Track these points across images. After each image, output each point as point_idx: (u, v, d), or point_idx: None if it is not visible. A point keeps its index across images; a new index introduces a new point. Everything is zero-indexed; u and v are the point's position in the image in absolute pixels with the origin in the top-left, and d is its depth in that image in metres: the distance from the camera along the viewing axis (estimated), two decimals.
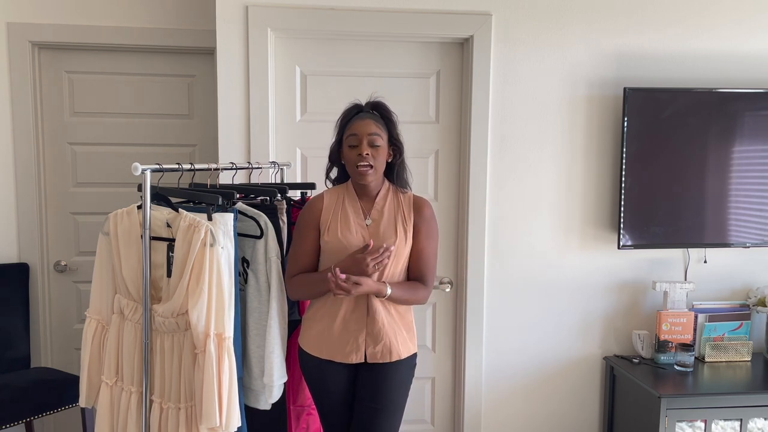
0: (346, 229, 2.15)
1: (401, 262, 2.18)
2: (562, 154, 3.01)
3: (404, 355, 2.20)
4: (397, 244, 2.14)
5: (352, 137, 2.12)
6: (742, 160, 3.00)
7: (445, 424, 3.18)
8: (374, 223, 2.17)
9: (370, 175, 2.13)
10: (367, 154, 2.09)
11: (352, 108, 2.21)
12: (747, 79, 3.04)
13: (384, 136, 2.15)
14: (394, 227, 2.17)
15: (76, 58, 3.26)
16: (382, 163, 2.16)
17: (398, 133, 2.21)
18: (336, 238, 2.14)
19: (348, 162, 2.15)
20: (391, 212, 2.19)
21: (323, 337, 2.18)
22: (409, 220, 2.19)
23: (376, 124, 2.14)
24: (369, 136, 2.11)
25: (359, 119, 2.15)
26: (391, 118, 2.20)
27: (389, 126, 2.19)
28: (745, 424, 2.75)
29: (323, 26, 2.82)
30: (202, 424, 1.88)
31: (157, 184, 2.03)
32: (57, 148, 3.29)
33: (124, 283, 2.05)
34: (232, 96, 2.82)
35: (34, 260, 3.24)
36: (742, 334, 3.08)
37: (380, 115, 2.20)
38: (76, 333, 3.36)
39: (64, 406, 2.89)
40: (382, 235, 2.15)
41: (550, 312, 3.09)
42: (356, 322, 2.15)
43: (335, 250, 2.15)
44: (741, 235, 3.04)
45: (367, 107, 2.21)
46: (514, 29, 2.92)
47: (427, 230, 2.22)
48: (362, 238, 2.14)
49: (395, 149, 2.20)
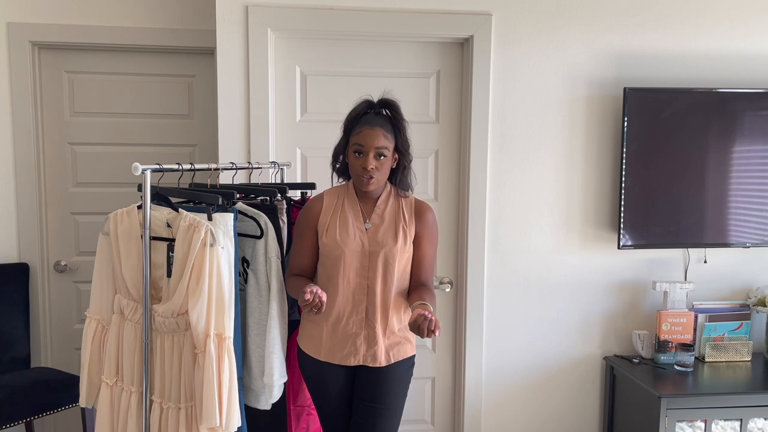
0: (344, 232, 2.13)
1: (402, 266, 2.16)
2: (562, 154, 3.01)
3: (402, 357, 2.20)
4: (398, 249, 2.12)
5: (358, 146, 2.07)
6: (742, 160, 3.00)
7: (445, 424, 3.18)
8: (373, 228, 2.15)
9: (373, 185, 2.09)
10: (372, 168, 2.05)
11: (363, 105, 2.14)
12: (747, 79, 3.04)
13: (391, 145, 2.09)
14: (394, 232, 2.14)
15: (76, 58, 3.26)
16: (386, 173, 2.12)
17: (407, 139, 2.15)
18: (334, 241, 2.12)
19: (352, 167, 2.12)
20: (391, 217, 2.16)
21: (321, 338, 2.17)
22: (410, 225, 2.17)
23: (385, 134, 2.07)
24: (376, 150, 2.05)
25: (369, 127, 2.07)
26: (400, 124, 2.13)
27: (398, 132, 2.12)
28: (745, 424, 2.75)
29: (323, 26, 2.82)
30: (202, 424, 1.88)
31: (157, 184, 2.03)
32: (57, 148, 3.29)
33: (124, 283, 2.05)
34: (232, 96, 2.82)
35: (34, 260, 3.24)
36: (742, 334, 3.08)
37: (391, 117, 2.13)
38: (76, 333, 3.36)
39: (64, 406, 2.89)
40: (381, 240, 2.13)
41: (551, 312, 3.09)
42: (355, 325, 2.14)
43: (333, 253, 2.13)
44: (741, 235, 3.04)
45: (378, 106, 2.14)
46: (514, 29, 2.92)
47: (429, 236, 2.20)
48: (360, 242, 2.13)
49: (401, 155, 2.15)
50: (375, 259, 2.12)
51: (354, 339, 2.15)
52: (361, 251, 2.12)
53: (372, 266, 2.12)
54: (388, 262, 2.12)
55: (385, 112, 2.14)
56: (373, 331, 2.14)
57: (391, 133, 2.10)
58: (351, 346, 2.15)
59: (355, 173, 2.10)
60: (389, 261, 2.12)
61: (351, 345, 2.15)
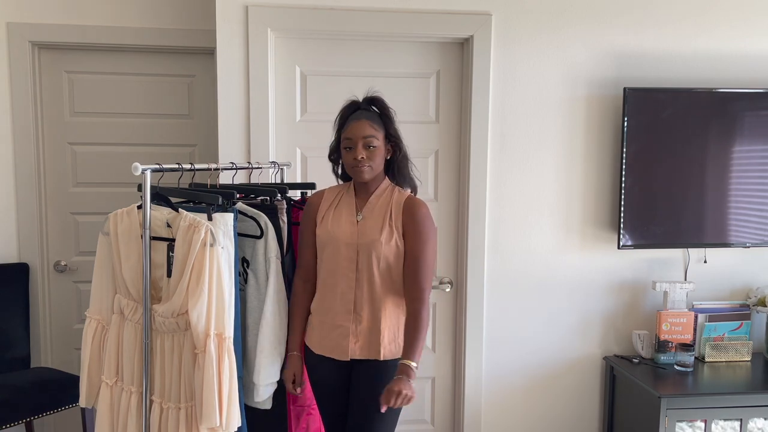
0: (336, 222, 2.18)
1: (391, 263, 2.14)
2: (562, 153, 3.01)
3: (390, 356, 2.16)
4: (382, 242, 2.11)
5: (347, 140, 2.12)
6: (742, 160, 3.00)
7: (445, 424, 3.18)
8: (364, 220, 2.17)
9: (367, 173, 2.12)
10: (362, 157, 2.09)
11: (349, 106, 2.20)
12: (747, 79, 3.04)
13: (380, 135, 2.13)
14: (380, 226, 2.14)
15: (76, 58, 3.26)
16: (380, 162, 2.15)
17: (396, 128, 2.19)
18: (326, 231, 2.18)
19: (345, 163, 2.16)
20: (381, 210, 2.17)
21: (318, 332, 2.21)
22: (398, 219, 2.15)
23: (372, 124, 2.12)
24: (364, 139, 2.09)
25: (355, 120, 2.12)
26: (387, 114, 2.18)
27: (386, 122, 2.16)
28: (745, 424, 2.75)
29: (323, 26, 2.82)
30: (202, 424, 1.87)
31: (157, 184, 2.03)
32: (57, 148, 3.29)
33: (124, 283, 2.05)
34: (232, 96, 2.82)
35: (34, 260, 3.24)
36: (742, 334, 3.08)
37: (377, 111, 2.18)
38: (76, 333, 3.36)
39: (64, 406, 2.89)
40: (368, 232, 2.14)
41: (550, 312, 3.09)
42: (343, 318, 2.16)
43: (324, 242, 2.18)
44: (741, 235, 3.04)
45: (364, 103, 2.19)
46: (513, 29, 2.92)
47: (414, 232, 2.13)
48: (350, 234, 2.15)
49: (393, 145, 2.18)
50: (363, 252, 2.13)
51: (342, 331, 2.16)
52: (350, 243, 2.14)
53: (360, 259, 2.14)
54: (373, 254, 2.12)
55: (372, 109, 2.18)
56: (361, 324, 2.15)
57: (379, 124, 2.14)
58: (339, 338, 2.16)
59: (349, 167, 2.14)
60: (375, 254, 2.12)
61: (339, 337, 2.16)
